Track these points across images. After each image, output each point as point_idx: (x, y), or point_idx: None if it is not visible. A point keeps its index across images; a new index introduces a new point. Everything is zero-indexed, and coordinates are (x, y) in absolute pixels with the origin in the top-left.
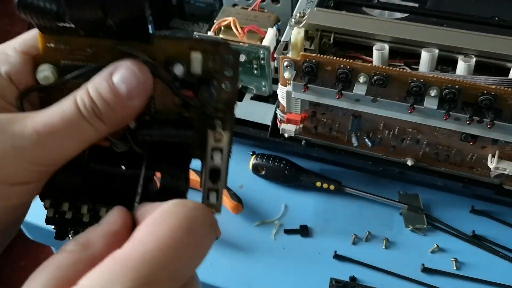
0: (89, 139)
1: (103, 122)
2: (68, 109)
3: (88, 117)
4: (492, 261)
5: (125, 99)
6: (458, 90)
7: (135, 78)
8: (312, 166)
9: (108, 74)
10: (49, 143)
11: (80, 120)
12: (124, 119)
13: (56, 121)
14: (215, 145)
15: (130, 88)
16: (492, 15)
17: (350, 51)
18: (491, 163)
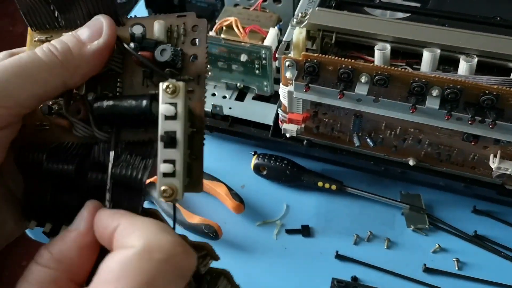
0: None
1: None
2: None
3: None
4: (494, 261)
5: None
6: (460, 90)
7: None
8: (314, 166)
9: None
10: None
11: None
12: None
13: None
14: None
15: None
16: (494, 15)
17: (351, 51)
18: (493, 163)
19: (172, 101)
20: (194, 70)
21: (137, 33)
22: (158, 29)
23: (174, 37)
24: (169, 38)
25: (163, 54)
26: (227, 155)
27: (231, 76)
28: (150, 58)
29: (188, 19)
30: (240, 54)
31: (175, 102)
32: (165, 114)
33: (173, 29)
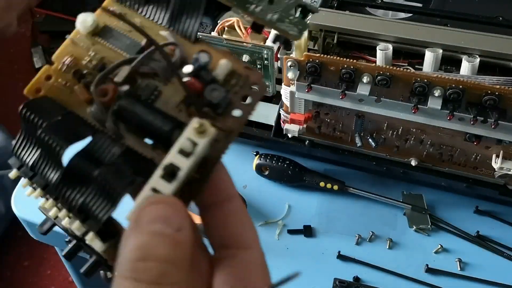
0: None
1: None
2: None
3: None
4: (496, 262)
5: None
6: (462, 90)
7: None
8: (316, 166)
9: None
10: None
11: None
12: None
13: None
14: (193, 136)
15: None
16: (496, 15)
17: (353, 51)
18: (495, 163)
19: (195, 139)
20: (230, 124)
21: (202, 61)
22: (222, 68)
23: (231, 83)
24: (225, 81)
25: (213, 94)
26: (229, 155)
27: None
28: (198, 90)
29: (253, 74)
30: (242, 55)
31: (197, 142)
32: (181, 148)
33: (234, 74)
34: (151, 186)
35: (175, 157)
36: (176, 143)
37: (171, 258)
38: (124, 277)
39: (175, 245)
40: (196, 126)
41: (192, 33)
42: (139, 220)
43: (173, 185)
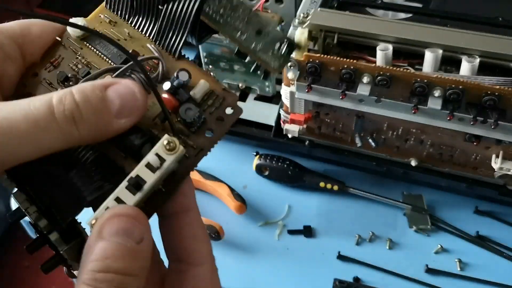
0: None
1: (77, 130)
2: (38, 108)
3: (61, 120)
4: (496, 262)
5: (113, 115)
6: (462, 90)
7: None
8: (316, 167)
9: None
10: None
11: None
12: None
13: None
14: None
15: (123, 105)
16: (496, 15)
17: (353, 51)
18: (495, 163)
19: (163, 155)
20: (202, 143)
21: (181, 80)
22: (200, 88)
23: (207, 103)
24: (203, 100)
25: (187, 113)
26: (229, 155)
27: (233, 77)
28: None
29: (230, 97)
30: None
31: (165, 159)
32: (149, 162)
33: (212, 95)
34: (115, 196)
35: (142, 170)
36: (145, 157)
37: (131, 270)
38: (85, 284)
39: (135, 258)
40: (165, 143)
41: (177, 50)
42: (102, 231)
43: (137, 196)
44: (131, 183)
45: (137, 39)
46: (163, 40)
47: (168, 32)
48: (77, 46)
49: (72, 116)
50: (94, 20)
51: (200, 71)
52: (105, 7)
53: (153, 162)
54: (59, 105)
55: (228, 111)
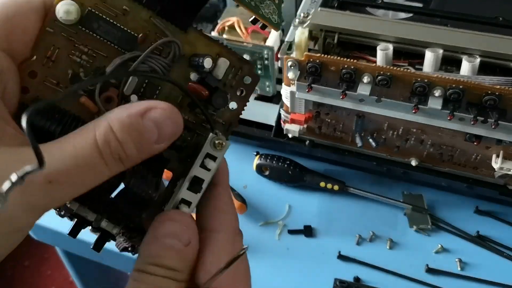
0: (100, 181)
1: (123, 166)
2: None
3: (109, 161)
4: (496, 262)
5: (152, 143)
6: (462, 90)
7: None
8: (316, 166)
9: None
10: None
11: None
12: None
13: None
14: (212, 152)
15: (160, 133)
16: (496, 15)
17: (354, 51)
18: (496, 163)
19: (214, 153)
20: (228, 117)
21: (206, 67)
22: (221, 68)
23: (228, 78)
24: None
25: (217, 102)
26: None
27: None
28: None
29: (246, 67)
30: (243, 55)
31: (216, 156)
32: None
33: (230, 70)
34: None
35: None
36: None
37: (177, 267)
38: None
39: (181, 258)
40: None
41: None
42: (156, 232)
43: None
44: (192, 185)
45: (136, 11)
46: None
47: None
48: (71, 32)
49: (118, 157)
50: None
51: (212, 42)
52: None
53: (207, 163)
54: (105, 148)
55: (246, 80)
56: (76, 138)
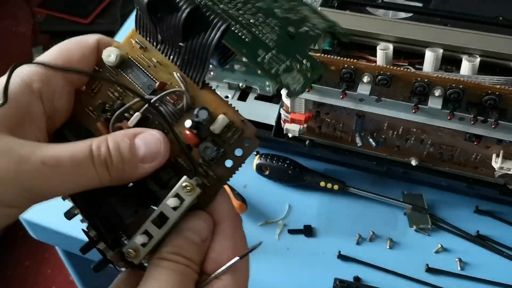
0: (87, 185)
1: (108, 174)
2: (81, 151)
3: (97, 164)
4: (497, 261)
5: (138, 160)
6: (463, 90)
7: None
8: (316, 166)
9: (132, 134)
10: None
11: (88, 165)
12: (127, 178)
13: (65, 158)
14: (181, 193)
15: (148, 152)
16: (497, 14)
17: (354, 50)
18: (496, 163)
19: (183, 196)
20: (221, 173)
21: (200, 118)
22: (219, 124)
23: (226, 134)
24: (222, 131)
25: (205, 152)
26: None
27: (233, 76)
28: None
29: (248, 129)
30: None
31: (184, 198)
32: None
33: (231, 127)
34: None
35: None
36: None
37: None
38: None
39: (197, 251)
40: (184, 185)
41: (200, 80)
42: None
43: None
44: (157, 219)
45: (165, 66)
46: (187, 70)
47: (191, 64)
48: (112, 73)
49: (105, 162)
50: (127, 45)
51: (220, 101)
52: (136, 31)
53: (173, 203)
54: (96, 151)
55: (246, 142)
56: (79, 143)
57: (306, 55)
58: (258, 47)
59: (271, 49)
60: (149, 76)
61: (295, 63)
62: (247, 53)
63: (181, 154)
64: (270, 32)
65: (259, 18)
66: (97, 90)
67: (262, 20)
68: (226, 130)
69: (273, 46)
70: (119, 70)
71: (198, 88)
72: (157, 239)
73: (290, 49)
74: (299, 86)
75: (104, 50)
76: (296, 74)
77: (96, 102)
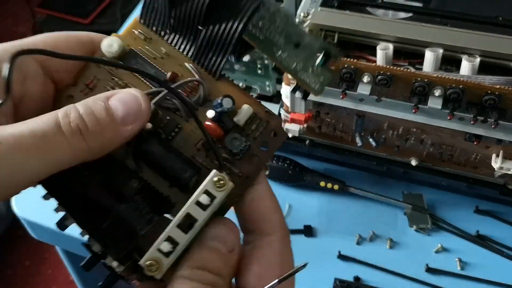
0: (61, 160)
1: (85, 141)
2: (44, 122)
3: (68, 133)
4: (496, 261)
5: (118, 123)
6: (462, 90)
7: (135, 103)
8: (316, 166)
9: (104, 96)
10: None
11: (55, 136)
12: (108, 145)
13: (25, 134)
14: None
15: (127, 112)
16: (496, 14)
17: (354, 50)
18: (495, 163)
19: (213, 192)
20: (247, 169)
21: (225, 107)
22: (244, 114)
23: (250, 127)
24: (246, 124)
25: (234, 143)
26: None
27: (233, 76)
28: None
29: (273, 120)
30: None
31: (215, 195)
32: (199, 200)
33: (255, 118)
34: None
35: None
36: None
37: (221, 272)
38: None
39: (226, 263)
40: (215, 180)
41: (217, 71)
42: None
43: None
44: (182, 222)
45: (174, 57)
46: (203, 60)
47: (208, 52)
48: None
49: (78, 128)
50: (128, 36)
51: (242, 92)
52: (139, 22)
53: (204, 201)
54: (64, 119)
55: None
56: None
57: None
58: (273, 46)
59: (284, 50)
60: (157, 67)
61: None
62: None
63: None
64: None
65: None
66: (93, 86)
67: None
68: (250, 122)
69: (284, 48)
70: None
71: (214, 80)
72: (182, 246)
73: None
74: (317, 85)
75: (104, 40)
76: (311, 75)
77: None
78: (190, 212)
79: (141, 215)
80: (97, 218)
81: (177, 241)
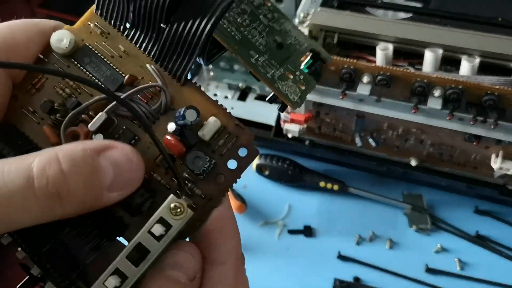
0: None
1: (61, 208)
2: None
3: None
4: (496, 261)
5: (103, 188)
6: (462, 90)
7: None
8: (316, 166)
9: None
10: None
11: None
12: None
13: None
14: (167, 218)
15: (117, 178)
16: (496, 15)
17: (354, 51)
18: (495, 163)
19: (169, 221)
20: (212, 190)
21: (188, 119)
22: (210, 128)
23: (217, 142)
24: (212, 139)
25: (195, 164)
26: None
27: (233, 76)
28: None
29: (244, 135)
30: None
31: (171, 224)
32: (152, 231)
33: (223, 132)
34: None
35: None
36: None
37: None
38: None
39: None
40: (172, 207)
41: (182, 76)
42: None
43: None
44: (133, 253)
45: (134, 57)
46: (166, 62)
47: (173, 54)
48: (63, 64)
49: (57, 192)
50: (83, 29)
51: (210, 101)
52: (95, 13)
53: (157, 230)
54: (41, 179)
55: (241, 152)
56: (11, 163)
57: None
58: (250, 48)
59: (262, 53)
60: (114, 68)
61: (288, 72)
62: (240, 50)
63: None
64: (258, 36)
65: (245, 19)
66: (40, 86)
67: (248, 22)
68: (217, 137)
69: (264, 50)
70: (72, 61)
71: (179, 85)
72: (132, 281)
73: (281, 58)
74: (297, 97)
75: (54, 34)
76: (291, 84)
77: (39, 100)
78: (141, 242)
79: (87, 240)
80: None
81: (126, 275)
